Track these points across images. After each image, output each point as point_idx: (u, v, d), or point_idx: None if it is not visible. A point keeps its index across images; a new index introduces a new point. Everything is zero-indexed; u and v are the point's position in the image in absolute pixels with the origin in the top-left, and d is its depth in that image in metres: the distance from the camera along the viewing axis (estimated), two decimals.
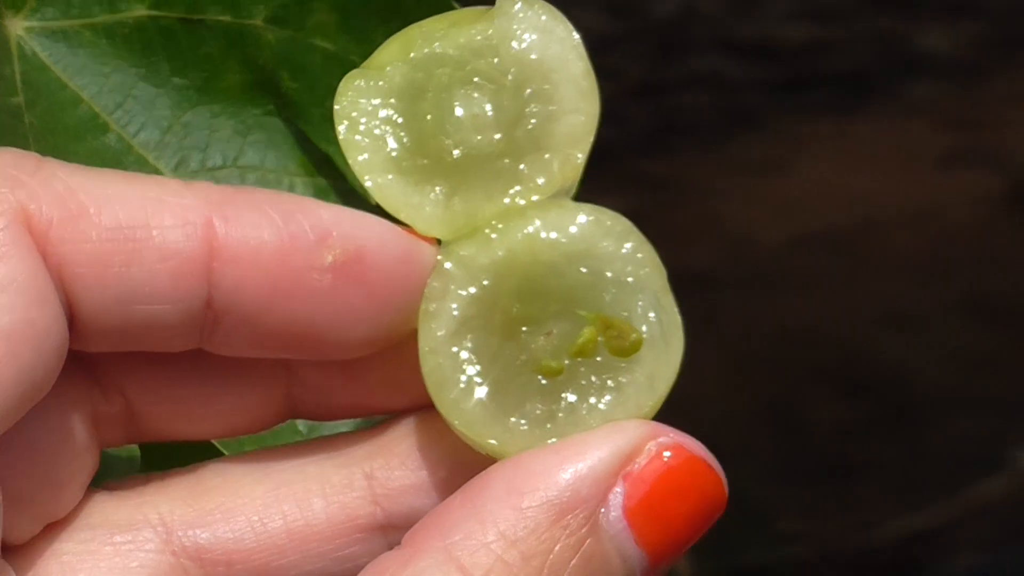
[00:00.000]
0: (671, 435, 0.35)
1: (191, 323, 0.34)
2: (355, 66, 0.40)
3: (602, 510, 0.32)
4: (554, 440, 0.34)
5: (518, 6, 0.37)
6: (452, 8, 0.41)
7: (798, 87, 4.56)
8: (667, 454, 0.34)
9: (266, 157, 0.44)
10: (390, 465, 0.35)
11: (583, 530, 0.32)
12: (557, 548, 0.31)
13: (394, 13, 0.42)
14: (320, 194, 0.44)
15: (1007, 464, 2.76)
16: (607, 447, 0.33)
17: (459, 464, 0.35)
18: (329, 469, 0.36)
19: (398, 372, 0.37)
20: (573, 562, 0.31)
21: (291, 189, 0.44)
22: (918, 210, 4.10)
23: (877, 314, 3.45)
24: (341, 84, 0.37)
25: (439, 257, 0.36)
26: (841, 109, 4.42)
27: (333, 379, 0.37)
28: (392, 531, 0.35)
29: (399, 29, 0.39)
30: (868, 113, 4.36)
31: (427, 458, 0.35)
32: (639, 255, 0.37)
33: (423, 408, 0.36)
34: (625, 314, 0.36)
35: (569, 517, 0.32)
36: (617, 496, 0.32)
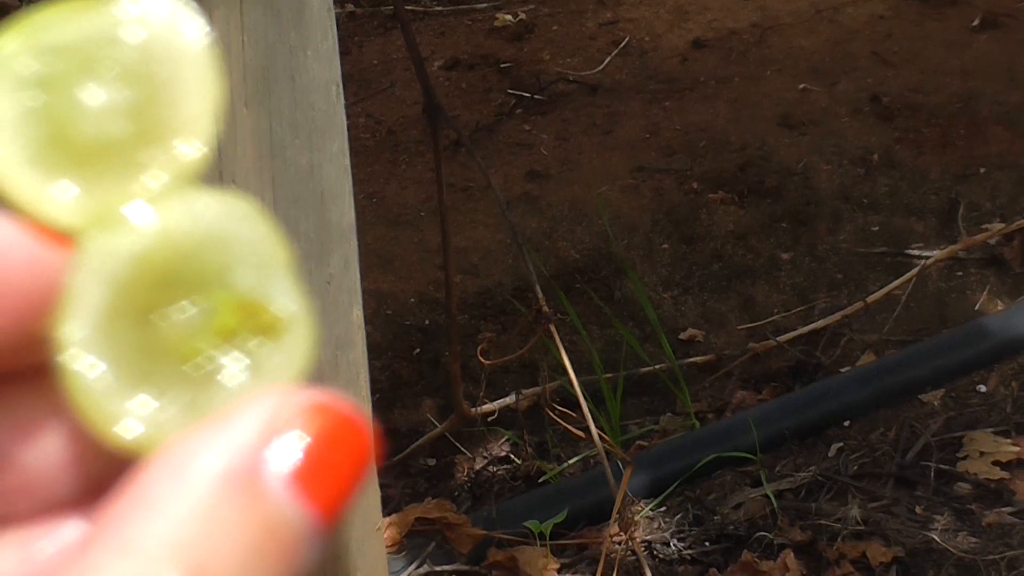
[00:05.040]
0: (314, 393, 0.33)
1: None
2: None
3: (263, 477, 0.32)
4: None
5: None
6: None
7: None
8: (310, 411, 0.33)
9: None
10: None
11: (248, 498, 0.32)
12: (228, 519, 0.31)
13: None
14: None
15: (907, 264, 2.79)
16: (254, 414, 0.33)
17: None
18: None
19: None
20: (246, 530, 0.31)
21: None
22: (817, 11, 4.07)
23: (776, 116, 3.45)
24: None
25: (70, 249, 0.35)
26: None
27: None
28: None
29: None
30: None
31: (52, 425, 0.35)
32: (266, 236, 0.36)
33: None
34: (259, 295, 0.35)
35: (232, 487, 0.31)
36: (272, 460, 0.32)
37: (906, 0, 4.05)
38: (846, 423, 2.39)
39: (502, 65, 3.90)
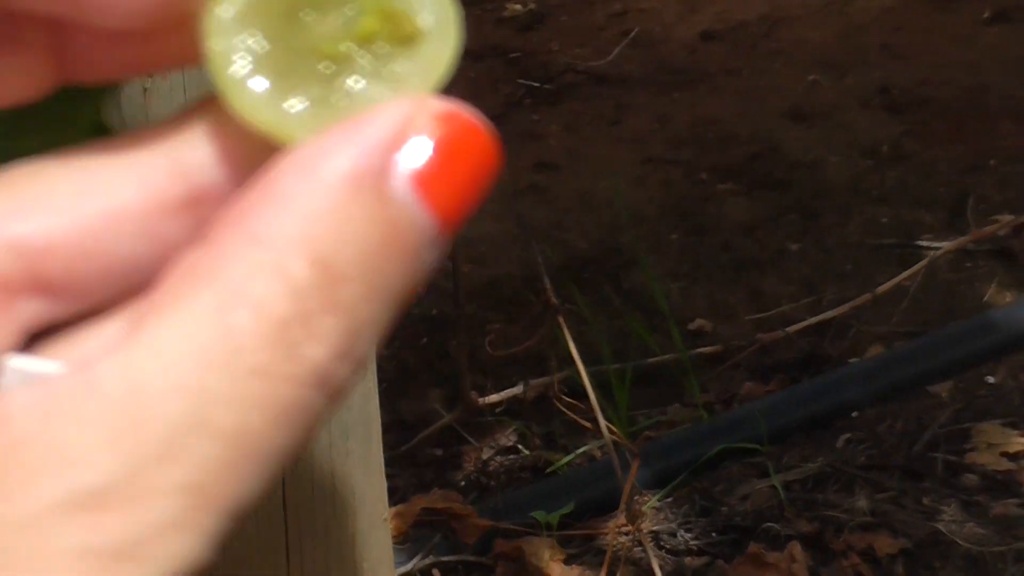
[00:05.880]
0: (441, 102, 0.35)
1: None
2: None
3: (391, 179, 0.33)
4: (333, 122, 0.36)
5: None
6: None
7: None
8: (440, 120, 0.34)
9: None
10: (191, 140, 0.36)
11: (376, 199, 0.33)
12: (355, 218, 0.33)
13: None
14: None
15: (916, 255, 2.78)
16: (385, 119, 0.34)
17: (255, 137, 0.36)
18: (135, 154, 0.36)
19: (173, 34, 0.37)
20: (371, 230, 0.33)
21: None
22: (826, 3, 4.07)
23: (785, 108, 3.44)
24: None
25: None
26: None
27: (106, 41, 0.37)
28: (201, 205, 0.36)
29: None
30: None
31: (226, 133, 0.36)
32: None
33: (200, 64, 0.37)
34: (404, 5, 0.36)
35: (361, 187, 0.33)
36: (400, 164, 0.33)
37: None
38: (854, 414, 2.38)
39: (511, 55, 3.90)
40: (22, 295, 0.34)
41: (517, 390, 2.44)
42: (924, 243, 2.84)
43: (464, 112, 0.34)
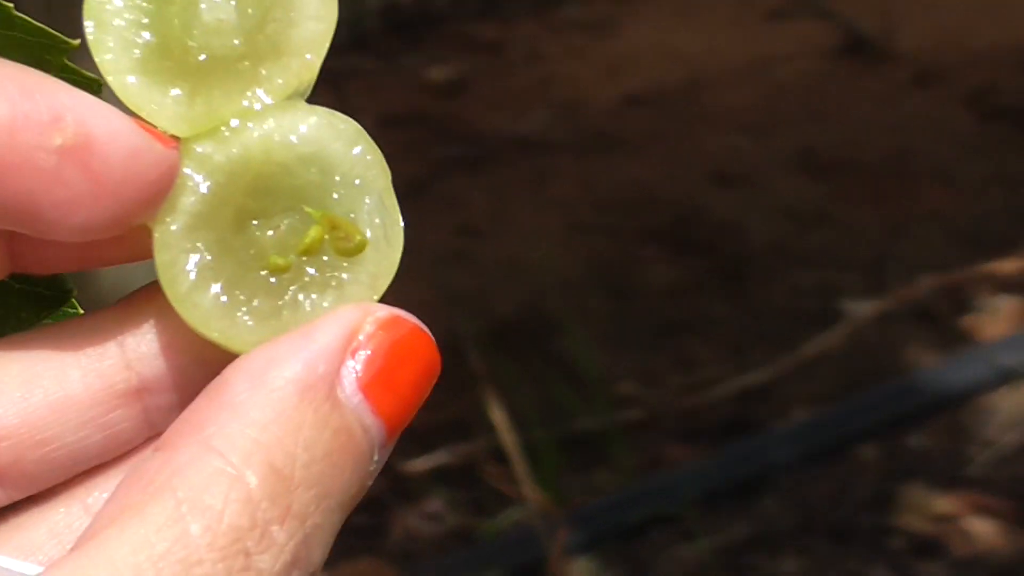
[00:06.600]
0: (387, 310, 0.36)
1: None
2: None
3: (339, 386, 0.34)
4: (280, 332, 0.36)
5: None
6: None
7: None
8: (386, 327, 0.36)
9: None
10: (140, 331, 0.37)
11: (326, 406, 0.33)
12: (306, 425, 0.33)
13: None
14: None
15: (840, 317, 2.80)
16: (334, 327, 0.35)
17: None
18: (83, 342, 0.37)
19: (125, 239, 0.38)
20: (322, 437, 0.33)
21: None
22: (748, 66, 4.11)
23: (709, 172, 3.46)
24: None
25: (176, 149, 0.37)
26: None
27: (57, 244, 0.38)
28: (147, 395, 0.37)
29: None
30: None
31: (172, 325, 0.37)
32: (367, 158, 0.38)
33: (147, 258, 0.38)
34: (351, 215, 0.37)
35: (311, 395, 0.33)
36: (349, 371, 0.34)
37: (839, 56, 4.09)
38: (780, 478, 2.38)
39: (435, 121, 3.90)
40: None
41: (444, 457, 2.43)
42: (848, 306, 2.86)
43: (406, 317, 0.36)
